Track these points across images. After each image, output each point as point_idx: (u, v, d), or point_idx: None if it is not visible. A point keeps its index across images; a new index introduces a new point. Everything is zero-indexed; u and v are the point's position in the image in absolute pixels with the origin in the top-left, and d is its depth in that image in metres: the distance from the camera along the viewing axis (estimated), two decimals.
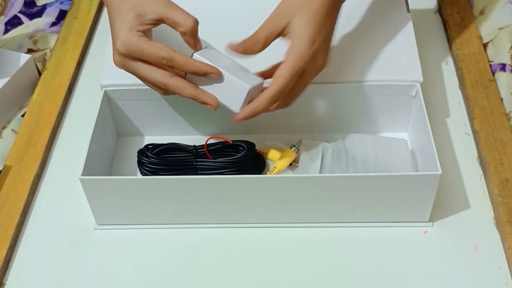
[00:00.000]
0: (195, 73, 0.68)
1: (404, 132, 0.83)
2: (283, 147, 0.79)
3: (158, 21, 0.69)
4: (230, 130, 0.82)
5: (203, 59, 0.69)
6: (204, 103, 0.69)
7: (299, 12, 0.68)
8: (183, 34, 0.70)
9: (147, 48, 0.67)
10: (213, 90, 0.69)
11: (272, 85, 0.67)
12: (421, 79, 0.77)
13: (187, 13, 0.69)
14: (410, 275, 0.69)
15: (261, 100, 0.68)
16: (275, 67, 0.69)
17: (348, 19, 0.82)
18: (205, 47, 0.72)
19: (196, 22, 0.69)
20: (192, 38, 0.70)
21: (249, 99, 0.69)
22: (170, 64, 0.68)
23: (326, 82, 0.77)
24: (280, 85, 0.67)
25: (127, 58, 0.69)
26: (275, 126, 0.82)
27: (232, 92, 0.69)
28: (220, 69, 0.68)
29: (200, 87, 0.69)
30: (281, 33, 0.69)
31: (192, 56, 0.69)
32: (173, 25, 0.69)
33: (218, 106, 0.69)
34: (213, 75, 0.68)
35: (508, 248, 0.70)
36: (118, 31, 0.68)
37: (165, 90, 0.70)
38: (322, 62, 0.69)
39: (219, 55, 0.72)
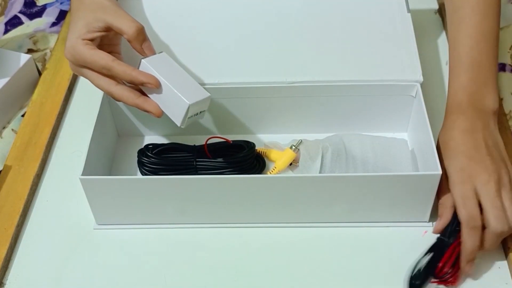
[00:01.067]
0: (132, 83, 0.70)
1: (404, 132, 0.83)
2: (283, 147, 0.79)
3: (106, 29, 0.71)
4: (230, 130, 0.82)
5: (149, 67, 0.70)
6: (146, 111, 0.71)
7: None
8: (128, 41, 0.71)
9: (89, 57, 0.69)
10: (158, 99, 0.71)
11: None
12: (421, 79, 0.77)
13: (132, 20, 0.71)
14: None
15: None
16: None
17: (348, 19, 0.82)
18: (160, 52, 0.73)
19: (139, 29, 0.70)
20: (138, 44, 0.71)
21: (192, 113, 0.71)
22: (110, 73, 0.69)
23: (326, 82, 0.77)
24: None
25: (76, 65, 0.71)
26: (275, 126, 0.82)
27: (174, 105, 0.70)
28: (164, 80, 0.70)
29: (149, 95, 0.71)
30: None
31: (140, 62, 0.71)
32: (119, 32, 0.71)
33: (162, 115, 0.71)
34: (149, 85, 0.69)
35: (508, 248, 0.70)
36: (68, 38, 0.70)
37: (112, 97, 0.72)
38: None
39: (170, 64, 0.73)
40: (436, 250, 0.68)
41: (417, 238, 0.71)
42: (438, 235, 0.69)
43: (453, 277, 0.67)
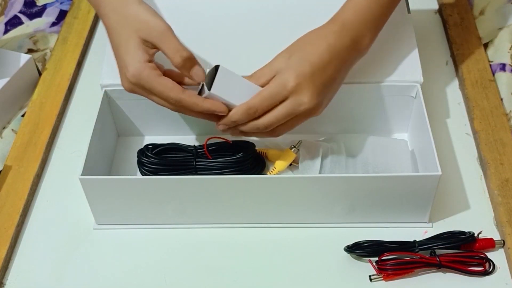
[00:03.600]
0: (203, 113, 0.70)
1: (404, 132, 0.83)
2: (283, 148, 0.79)
3: (155, 47, 0.69)
4: None
5: (216, 95, 0.68)
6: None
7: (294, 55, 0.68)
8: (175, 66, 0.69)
9: (157, 87, 0.68)
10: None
11: (248, 100, 0.68)
12: (421, 79, 0.77)
13: (177, 48, 0.68)
14: (409, 275, 0.69)
15: (235, 111, 0.68)
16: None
17: None
18: (215, 66, 0.69)
19: (184, 59, 0.68)
20: (186, 71, 0.69)
21: None
22: (179, 105, 0.68)
23: None
24: (253, 102, 0.68)
25: (138, 87, 0.69)
26: None
27: None
28: (234, 103, 0.68)
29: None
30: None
31: (202, 89, 0.68)
32: (166, 56, 0.69)
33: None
34: (220, 113, 0.69)
35: (508, 248, 0.70)
36: (127, 60, 0.68)
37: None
38: (309, 102, 0.68)
39: (231, 78, 0.69)
40: (403, 245, 0.69)
41: (417, 239, 0.71)
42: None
43: (387, 274, 0.67)
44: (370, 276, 0.68)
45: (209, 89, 0.68)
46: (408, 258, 0.68)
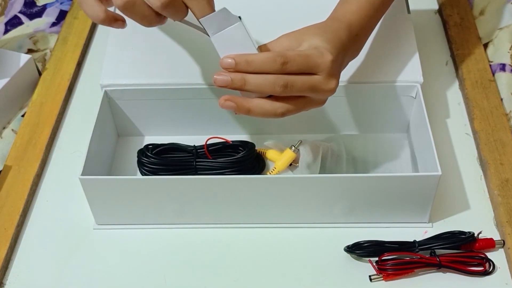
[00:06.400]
0: None
1: (404, 132, 0.83)
2: (283, 148, 0.79)
3: None
4: (230, 130, 0.82)
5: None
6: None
7: (320, 35, 0.63)
8: None
9: None
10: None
11: (282, 50, 0.61)
12: (421, 79, 0.77)
13: None
14: (409, 275, 0.69)
15: (260, 53, 0.61)
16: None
17: None
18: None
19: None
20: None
21: None
22: None
23: None
24: (287, 52, 0.60)
25: None
26: (275, 126, 0.82)
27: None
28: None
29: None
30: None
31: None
32: None
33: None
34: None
35: (508, 248, 0.70)
36: None
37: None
38: (333, 90, 0.63)
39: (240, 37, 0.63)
40: (403, 246, 0.69)
41: (417, 239, 0.71)
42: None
43: (388, 274, 0.67)
44: (370, 276, 0.68)
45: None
46: (408, 258, 0.68)
